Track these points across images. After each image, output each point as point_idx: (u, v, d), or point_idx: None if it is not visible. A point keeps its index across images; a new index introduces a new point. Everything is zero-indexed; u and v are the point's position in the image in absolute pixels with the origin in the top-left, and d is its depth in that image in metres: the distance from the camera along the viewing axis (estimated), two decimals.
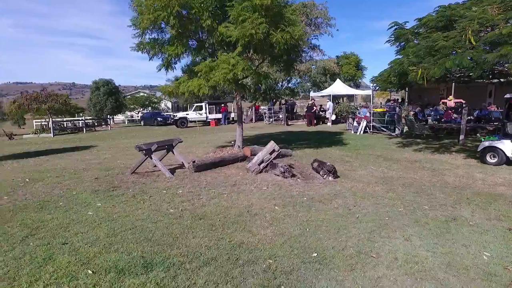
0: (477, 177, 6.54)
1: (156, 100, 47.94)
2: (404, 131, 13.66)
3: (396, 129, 12.94)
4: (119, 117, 44.73)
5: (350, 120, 15.39)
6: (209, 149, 10.75)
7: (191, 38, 8.81)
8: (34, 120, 30.27)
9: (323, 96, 25.89)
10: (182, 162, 7.49)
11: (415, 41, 7.98)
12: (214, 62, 7.73)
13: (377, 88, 10.81)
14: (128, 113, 44.05)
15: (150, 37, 8.86)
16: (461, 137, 10.42)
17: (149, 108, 45.03)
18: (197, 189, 5.61)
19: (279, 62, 9.53)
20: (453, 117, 15.87)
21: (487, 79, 10.87)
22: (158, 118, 30.23)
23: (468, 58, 6.08)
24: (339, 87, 21.83)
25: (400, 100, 28.67)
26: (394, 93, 34.41)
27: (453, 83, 21.15)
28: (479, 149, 7.89)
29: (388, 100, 22.00)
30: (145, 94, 49.77)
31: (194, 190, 5.58)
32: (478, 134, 8.40)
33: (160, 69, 9.39)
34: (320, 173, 6.44)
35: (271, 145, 6.85)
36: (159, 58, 9.14)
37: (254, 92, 26.85)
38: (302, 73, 26.20)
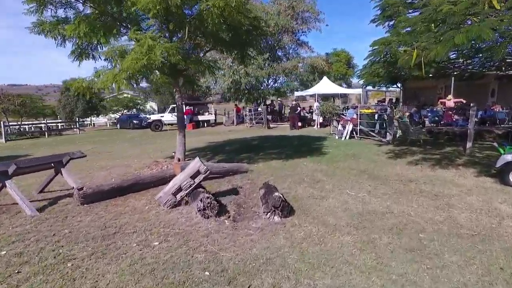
0: (502, 212, 4.30)
1: (140, 101, 45.72)
2: (398, 136, 11.45)
3: (388, 134, 10.73)
4: (101, 120, 42.40)
5: (335, 123, 13.15)
6: (154, 161, 8.44)
7: (110, 16, 6.55)
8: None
9: (311, 96, 23.70)
10: (73, 188, 5.17)
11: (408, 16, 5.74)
12: (125, 46, 5.48)
13: (363, 84, 8.61)
14: (112, 115, 41.71)
15: (54, 14, 6.60)
16: (468, 144, 8.21)
17: (134, 110, 42.77)
18: (33, 249, 3.27)
19: (229, 47, 7.26)
20: (454, 119, 13.75)
21: (499, 71, 8.72)
22: (134, 121, 27.88)
23: (492, 28, 3.83)
24: (326, 86, 19.61)
25: (394, 100, 26.51)
26: (389, 93, 32.31)
27: (452, 81, 19.10)
28: (498, 165, 5.66)
29: (380, 101, 19.82)
30: (128, 95, 47.25)
31: (27, 250, 3.26)
32: (495, 143, 6.16)
33: (74, 59, 7.15)
34: (263, 209, 4.17)
35: (195, 164, 4.57)
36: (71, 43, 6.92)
37: (234, 92, 24.68)
38: (288, 70, 23.95)
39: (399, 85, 15.46)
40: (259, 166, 7.69)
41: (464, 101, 15.96)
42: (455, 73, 12.38)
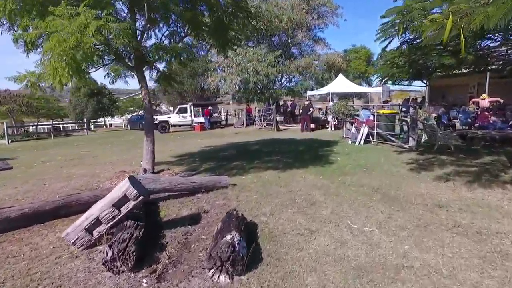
0: None
1: (154, 102, 45.38)
2: (423, 141, 9.66)
3: (410, 138, 8.98)
4: (117, 120, 42.26)
5: (348, 125, 11.47)
6: (121, 171, 7.18)
7: None
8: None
9: (328, 95, 21.95)
10: None
11: None
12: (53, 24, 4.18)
13: (380, 79, 6.97)
14: (129, 116, 41.56)
15: None
16: None
17: None
18: None
19: (209, 33, 5.88)
20: (490, 121, 11.72)
21: None
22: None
23: None
24: (341, 84, 17.86)
25: (420, 100, 24.15)
26: (414, 92, 29.88)
27: (487, 78, 16.87)
28: None
29: (386, 102, 17.84)
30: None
31: None
32: None
33: (24, 49, 6.01)
34: (205, 261, 2.73)
35: (121, 187, 3.20)
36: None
37: (244, 91, 23.25)
38: (301, 68, 22.30)
39: (424, 82, 13.51)
40: (246, 179, 6.25)
41: (502, 101, 13.85)
42: (494, 66, 10.42)
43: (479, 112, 13.19)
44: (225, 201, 4.89)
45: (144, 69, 6.59)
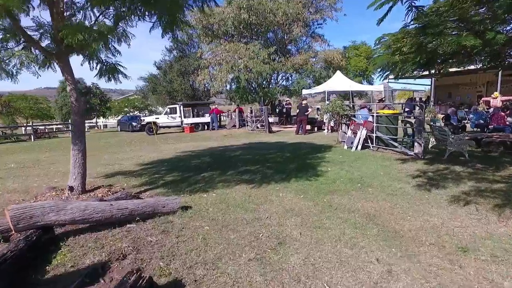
0: None
1: (149, 102, 44.14)
2: (430, 146, 8.24)
3: (416, 143, 7.56)
4: (111, 121, 40.97)
5: (344, 127, 10.04)
6: (50, 187, 5.78)
7: None
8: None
9: (324, 94, 20.53)
10: None
11: None
12: None
13: (380, 71, 5.56)
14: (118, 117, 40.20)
15: None
16: None
17: (145, 111, 41.19)
18: None
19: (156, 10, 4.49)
20: (507, 122, 10.33)
21: None
22: (133, 123, 25.81)
23: None
24: (339, 82, 16.42)
25: (424, 99, 22.75)
26: (417, 92, 28.45)
27: (499, 76, 15.43)
28: None
29: (380, 100, 16.36)
30: (138, 96, 45.68)
31: None
32: None
33: None
34: None
35: None
36: None
37: (235, 90, 21.85)
38: (297, 66, 20.88)
39: (432, 75, 12.10)
40: (208, 199, 4.88)
41: None
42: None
43: (492, 112, 11.80)
44: (162, 237, 3.51)
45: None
